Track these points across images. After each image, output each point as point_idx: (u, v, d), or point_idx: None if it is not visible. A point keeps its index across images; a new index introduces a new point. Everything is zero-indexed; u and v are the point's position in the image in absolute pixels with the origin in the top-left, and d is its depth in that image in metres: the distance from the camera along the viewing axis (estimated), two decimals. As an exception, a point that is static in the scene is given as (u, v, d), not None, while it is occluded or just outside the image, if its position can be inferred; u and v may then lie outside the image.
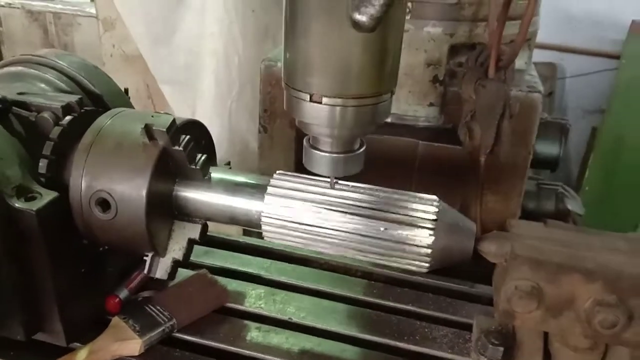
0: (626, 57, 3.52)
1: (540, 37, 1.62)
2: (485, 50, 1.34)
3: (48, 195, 0.90)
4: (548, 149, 1.73)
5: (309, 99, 0.78)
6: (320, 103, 0.77)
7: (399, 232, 0.89)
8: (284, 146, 1.65)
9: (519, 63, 1.50)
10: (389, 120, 1.55)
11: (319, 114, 0.78)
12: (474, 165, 1.43)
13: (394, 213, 0.90)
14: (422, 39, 1.42)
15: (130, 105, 1.14)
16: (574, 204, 1.88)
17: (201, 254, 1.28)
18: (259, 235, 1.19)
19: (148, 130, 0.88)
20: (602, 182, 3.52)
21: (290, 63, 0.78)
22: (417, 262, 0.90)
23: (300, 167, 0.95)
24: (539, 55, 1.62)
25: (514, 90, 1.36)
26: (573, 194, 1.95)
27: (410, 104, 1.50)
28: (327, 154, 0.85)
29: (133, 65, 2.51)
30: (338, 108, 0.77)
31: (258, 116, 1.66)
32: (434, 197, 0.92)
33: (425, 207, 0.90)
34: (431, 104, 1.49)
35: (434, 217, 0.88)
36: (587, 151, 3.81)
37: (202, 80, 2.22)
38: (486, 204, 1.49)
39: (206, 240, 1.29)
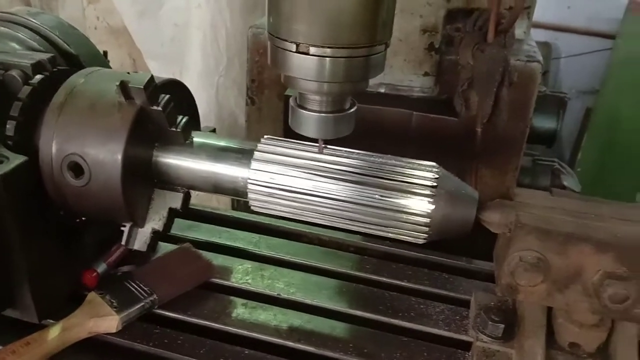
0: (622, 36, 3.46)
1: (536, 16, 1.56)
2: (483, 14, 1.27)
3: (16, 160, 0.83)
4: (546, 122, 1.69)
5: (294, 49, 0.71)
6: (308, 54, 0.70)
7: (396, 199, 0.83)
8: (272, 119, 1.59)
9: (518, 32, 1.44)
10: (382, 90, 1.51)
11: (306, 66, 0.71)
12: (469, 137, 1.37)
13: (390, 180, 0.84)
14: (418, 3, 1.35)
15: (108, 67, 1.06)
16: (570, 181, 1.84)
17: (186, 228, 1.22)
18: (247, 210, 1.13)
19: (124, 87, 0.81)
20: (596, 163, 3.48)
21: (273, 8, 0.71)
22: (414, 233, 0.84)
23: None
24: (533, 35, 1.56)
25: (512, 60, 1.30)
26: (569, 170, 1.91)
27: (405, 73, 1.43)
28: (315, 114, 0.78)
29: (118, 39, 2.41)
30: (327, 59, 0.70)
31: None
32: (433, 163, 0.86)
33: (424, 173, 0.84)
34: (426, 74, 1.43)
35: (434, 183, 0.82)
36: (580, 132, 3.76)
37: (189, 55, 2.14)
38: (481, 179, 1.44)
39: (191, 213, 1.24)
